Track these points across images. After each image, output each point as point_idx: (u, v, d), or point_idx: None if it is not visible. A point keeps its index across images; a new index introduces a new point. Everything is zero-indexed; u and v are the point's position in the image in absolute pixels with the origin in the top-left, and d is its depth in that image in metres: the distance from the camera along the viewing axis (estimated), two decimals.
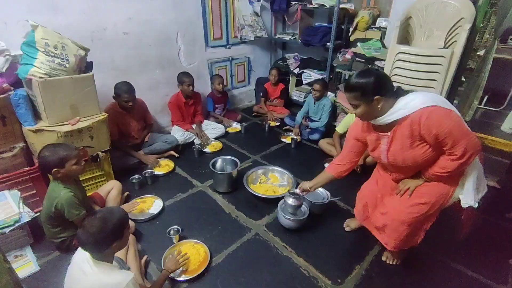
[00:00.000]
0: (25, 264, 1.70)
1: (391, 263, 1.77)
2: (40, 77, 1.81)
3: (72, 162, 1.58)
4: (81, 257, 1.15)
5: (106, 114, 2.19)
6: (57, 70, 1.86)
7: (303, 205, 2.02)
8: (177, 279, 1.62)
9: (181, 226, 1.96)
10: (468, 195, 1.42)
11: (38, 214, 1.79)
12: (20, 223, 1.71)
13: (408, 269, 1.75)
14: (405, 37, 2.84)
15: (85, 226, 1.12)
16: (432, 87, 2.51)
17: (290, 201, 1.93)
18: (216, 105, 3.56)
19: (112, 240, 1.15)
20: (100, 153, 2.20)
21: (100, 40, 2.59)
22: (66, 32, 2.05)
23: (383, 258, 1.80)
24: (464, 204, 1.43)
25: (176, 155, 2.85)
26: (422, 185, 1.50)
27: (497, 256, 1.83)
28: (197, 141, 3.08)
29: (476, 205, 1.43)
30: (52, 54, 1.83)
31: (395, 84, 1.44)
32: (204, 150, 3.00)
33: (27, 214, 1.77)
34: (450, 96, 2.79)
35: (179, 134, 3.01)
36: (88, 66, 2.19)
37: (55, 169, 1.54)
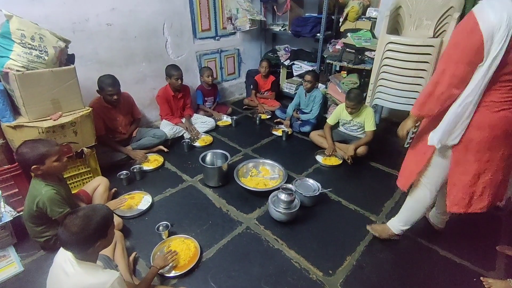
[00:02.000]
0: (8, 264, 1.65)
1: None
2: (17, 70, 1.73)
3: (53, 159, 1.52)
4: (63, 257, 1.11)
5: (90, 109, 2.12)
6: (35, 62, 1.78)
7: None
8: (167, 275, 1.59)
9: (170, 221, 1.92)
10: (436, 133, 1.33)
11: (21, 213, 1.73)
12: (1, 223, 1.65)
13: (398, 258, 1.76)
14: (395, 27, 2.82)
15: (66, 225, 1.07)
16: (421, 77, 2.51)
17: (283, 196, 1.92)
18: (206, 98, 3.50)
19: (95, 239, 1.11)
20: (85, 149, 2.13)
21: (82, 31, 2.49)
22: (45, 24, 1.96)
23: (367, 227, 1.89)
24: (428, 141, 1.36)
25: (165, 149, 2.80)
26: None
27: (484, 243, 1.85)
28: (186, 135, 3.03)
29: (438, 146, 1.33)
30: (29, 45, 1.74)
31: None
32: (194, 144, 2.95)
33: (8, 214, 1.71)
34: None
35: (168, 128, 2.94)
36: (70, 59, 2.10)
37: (35, 166, 1.48)
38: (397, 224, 1.79)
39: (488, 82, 1.19)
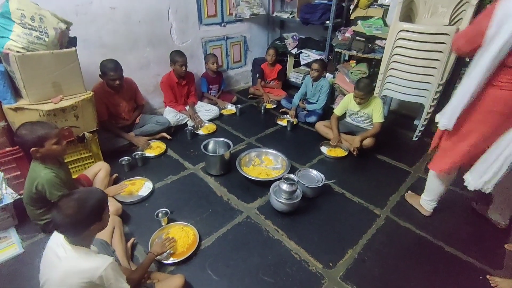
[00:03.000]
0: (9, 246, 1.66)
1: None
2: (18, 52, 1.70)
3: (52, 142, 1.50)
4: (56, 242, 1.09)
5: (92, 93, 2.09)
6: (36, 44, 1.75)
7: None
8: (165, 261, 1.58)
9: (171, 208, 1.91)
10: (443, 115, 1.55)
11: (22, 196, 1.73)
12: (2, 205, 1.66)
13: (401, 253, 1.71)
14: (408, 15, 2.70)
15: (61, 207, 1.05)
16: (434, 68, 2.40)
17: (285, 186, 1.87)
18: (211, 86, 3.45)
19: (90, 222, 1.09)
20: (86, 134, 2.11)
21: (85, 14, 2.44)
22: (47, 5, 1.91)
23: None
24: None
25: (168, 137, 2.77)
26: None
27: (492, 241, 1.79)
28: (190, 123, 2.99)
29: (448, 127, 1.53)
30: (29, 26, 1.71)
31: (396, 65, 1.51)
32: (197, 132, 2.91)
33: (9, 196, 1.72)
34: (453, 78, 2.68)
35: (171, 115, 2.91)
36: (71, 42, 2.07)
37: (34, 148, 1.46)
38: (425, 199, 1.94)
39: (497, 66, 1.31)
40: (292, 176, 1.93)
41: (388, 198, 2.12)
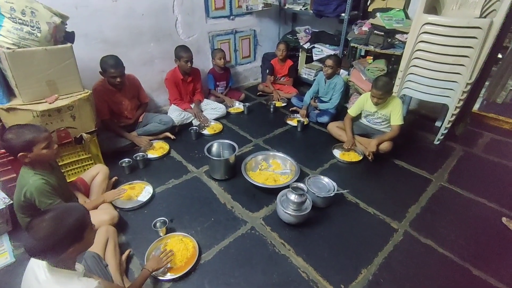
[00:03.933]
0: (0, 254, 1.58)
1: None
2: (8, 48, 1.59)
3: (41, 146, 1.39)
4: (36, 262, 0.98)
5: (89, 92, 1.98)
6: (27, 40, 1.63)
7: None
8: (161, 278, 1.46)
9: (171, 216, 1.80)
10: None
11: (13, 202, 1.64)
12: None
13: (422, 275, 1.53)
14: (433, 6, 2.45)
15: (32, 228, 0.92)
16: (462, 65, 2.17)
17: (293, 197, 1.71)
18: (218, 83, 3.29)
19: (67, 244, 0.96)
20: (84, 135, 2.01)
21: (86, 7, 2.32)
22: None
23: None
24: None
25: (172, 137, 2.65)
26: None
27: None
28: (195, 122, 2.86)
29: None
30: (20, 21, 1.59)
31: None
32: (202, 132, 2.78)
33: (1, 201, 1.63)
34: (482, 76, 2.42)
35: (175, 114, 2.78)
36: (68, 37, 1.94)
37: (21, 153, 1.36)
38: None
39: None
40: (301, 185, 1.77)
41: (407, 210, 1.93)
